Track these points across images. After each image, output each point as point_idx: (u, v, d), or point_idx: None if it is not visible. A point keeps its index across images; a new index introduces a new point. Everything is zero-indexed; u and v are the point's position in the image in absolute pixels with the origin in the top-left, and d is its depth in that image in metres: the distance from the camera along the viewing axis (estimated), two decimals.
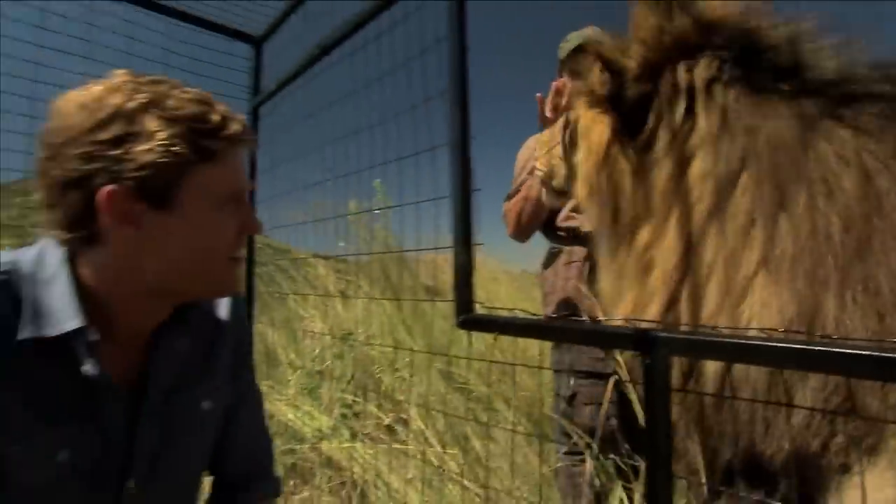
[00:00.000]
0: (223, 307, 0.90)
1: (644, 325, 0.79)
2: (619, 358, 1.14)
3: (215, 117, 0.68)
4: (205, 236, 0.70)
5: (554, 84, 1.58)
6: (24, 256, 0.69)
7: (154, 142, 0.63)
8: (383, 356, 2.47)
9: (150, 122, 0.63)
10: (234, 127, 0.70)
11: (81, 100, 0.64)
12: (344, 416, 2.47)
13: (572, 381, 1.71)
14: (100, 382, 0.68)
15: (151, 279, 0.69)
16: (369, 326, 2.80)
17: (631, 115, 0.98)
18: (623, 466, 1.22)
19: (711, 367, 0.87)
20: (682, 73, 0.93)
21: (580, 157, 1.09)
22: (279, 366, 2.95)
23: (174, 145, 0.64)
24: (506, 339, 2.58)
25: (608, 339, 0.75)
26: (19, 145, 1.55)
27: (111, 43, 1.91)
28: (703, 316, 0.85)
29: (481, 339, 2.54)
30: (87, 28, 1.83)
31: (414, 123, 1.28)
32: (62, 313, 0.65)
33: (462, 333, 2.68)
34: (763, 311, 0.78)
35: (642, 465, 1.11)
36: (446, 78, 1.13)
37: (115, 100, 0.63)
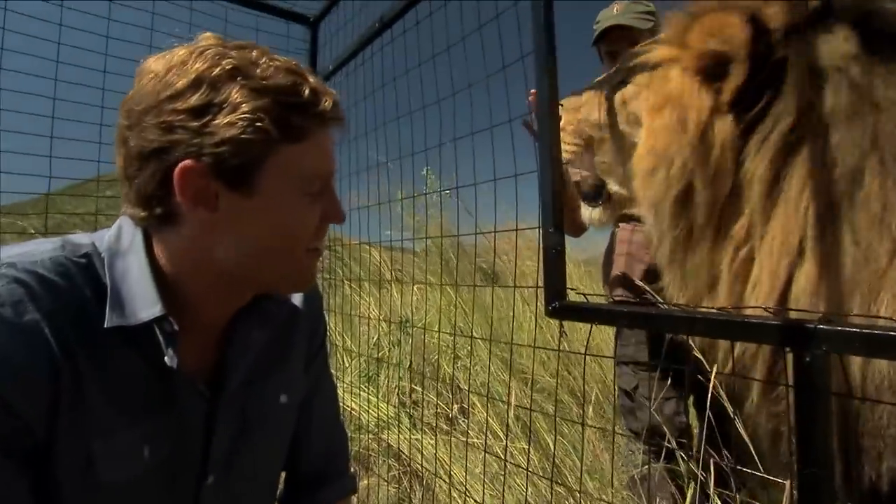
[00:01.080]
0: (298, 296, 0.85)
1: (793, 314, 0.66)
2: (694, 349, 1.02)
3: (306, 90, 0.60)
4: (284, 224, 0.63)
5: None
6: (104, 236, 0.66)
7: (238, 115, 0.56)
8: (443, 343, 2.40)
9: (235, 92, 0.56)
10: (327, 103, 0.62)
11: (165, 64, 0.59)
12: (403, 403, 2.44)
13: (633, 372, 1.59)
14: (178, 374, 0.64)
15: (224, 267, 0.64)
16: (427, 313, 2.75)
17: (743, 87, 0.85)
18: (725, 468, 1.09)
19: (857, 368, 0.73)
20: (821, 44, 0.81)
21: (652, 124, 0.96)
22: (336, 352, 2.96)
23: (259, 120, 0.56)
24: (572, 330, 2.46)
25: (746, 330, 0.63)
26: (94, 137, 1.58)
27: (172, 31, 1.91)
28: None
29: (549, 327, 2.43)
30: (149, 17, 1.83)
31: (483, 99, 1.17)
32: (142, 300, 0.61)
33: (525, 321, 2.58)
34: None
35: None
36: (519, 49, 1.02)
37: (199, 65, 0.57)
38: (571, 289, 0.89)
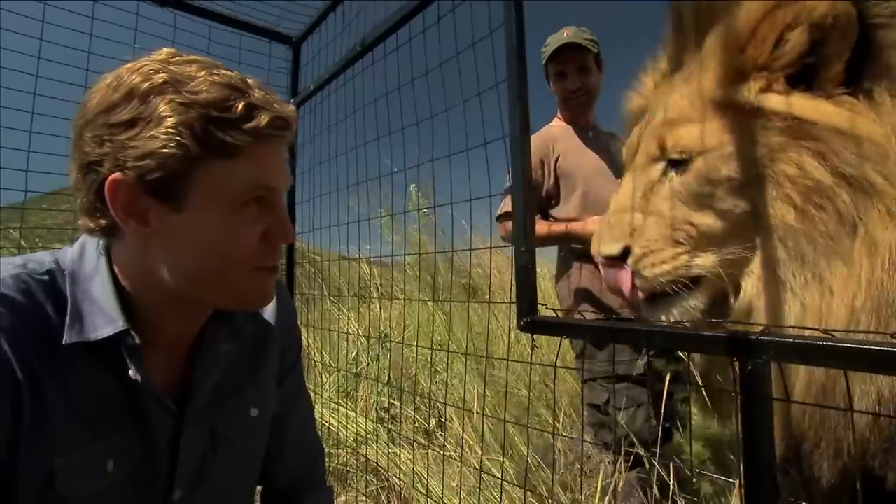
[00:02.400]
0: (270, 309, 0.85)
1: (739, 326, 0.72)
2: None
3: (240, 106, 0.58)
4: (217, 241, 0.61)
5: None
6: (67, 253, 0.66)
7: (161, 128, 0.56)
8: (422, 356, 2.42)
9: (163, 106, 0.56)
10: (263, 119, 0.59)
11: (108, 79, 0.60)
12: (381, 419, 2.44)
13: (604, 386, 1.63)
14: (144, 388, 0.64)
15: (167, 284, 0.64)
16: (407, 327, 2.76)
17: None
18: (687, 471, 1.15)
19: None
20: None
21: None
22: (315, 367, 2.95)
23: (179, 135, 0.56)
24: (548, 341, 2.51)
25: (698, 343, 0.69)
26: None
27: (154, 48, 1.93)
28: None
29: (527, 339, 2.48)
30: (131, 34, 1.85)
31: (462, 120, 1.23)
32: (104, 315, 0.61)
33: (502, 333, 2.63)
34: None
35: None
36: (493, 76, 1.08)
37: (134, 79, 0.57)
38: (542, 304, 0.94)
